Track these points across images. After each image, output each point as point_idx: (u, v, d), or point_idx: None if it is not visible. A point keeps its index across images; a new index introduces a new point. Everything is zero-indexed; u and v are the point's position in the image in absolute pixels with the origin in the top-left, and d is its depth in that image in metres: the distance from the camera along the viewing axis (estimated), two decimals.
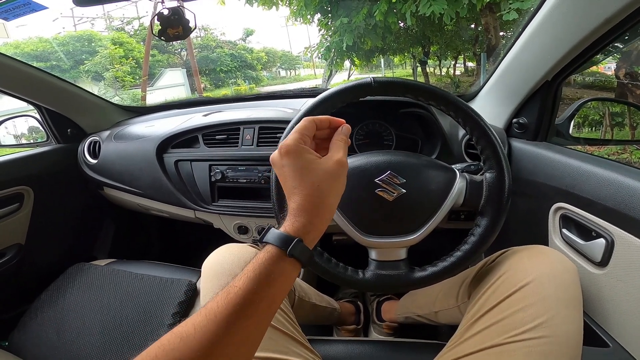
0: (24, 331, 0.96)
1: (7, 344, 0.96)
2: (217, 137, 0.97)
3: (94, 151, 1.18)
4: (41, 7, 0.78)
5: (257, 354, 0.51)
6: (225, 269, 0.61)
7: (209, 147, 0.98)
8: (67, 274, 1.06)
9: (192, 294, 0.93)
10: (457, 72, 9.66)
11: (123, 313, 0.91)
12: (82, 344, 0.87)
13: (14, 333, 0.97)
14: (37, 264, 1.16)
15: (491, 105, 0.90)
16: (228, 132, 0.97)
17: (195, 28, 0.72)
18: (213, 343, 0.32)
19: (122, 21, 12.55)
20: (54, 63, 10.13)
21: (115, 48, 10.04)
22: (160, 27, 0.74)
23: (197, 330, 0.33)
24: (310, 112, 0.55)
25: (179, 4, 0.70)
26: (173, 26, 0.74)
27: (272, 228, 0.40)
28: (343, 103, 0.56)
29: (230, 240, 0.99)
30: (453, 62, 9.41)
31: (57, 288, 1.03)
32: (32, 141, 1.35)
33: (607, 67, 4.30)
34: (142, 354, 0.32)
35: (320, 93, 0.57)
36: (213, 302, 0.35)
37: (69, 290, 1.01)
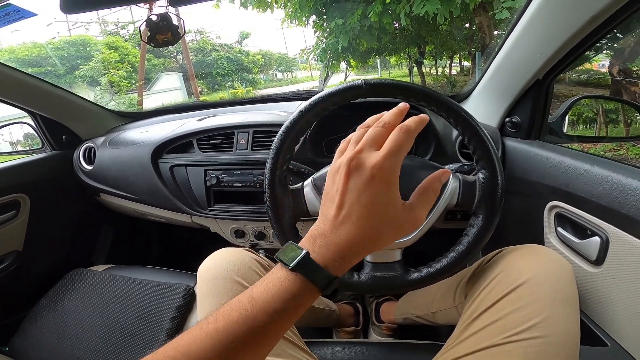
0: (24, 336, 0.96)
1: (7, 349, 0.97)
2: (211, 141, 0.97)
3: (90, 157, 1.18)
4: (30, 14, 0.78)
5: None
6: (220, 273, 0.61)
7: (203, 151, 0.98)
8: (65, 280, 1.07)
9: (190, 299, 0.94)
10: (453, 72, 9.68)
11: (122, 318, 0.92)
12: (82, 348, 0.88)
13: (14, 338, 0.97)
14: (35, 270, 1.16)
15: (484, 105, 0.90)
16: (222, 137, 0.97)
17: (184, 34, 0.72)
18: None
19: (117, 25, 12.53)
20: (49, 68, 10.08)
21: (111, 52, 10.01)
22: (149, 34, 0.74)
23: (209, 353, 0.31)
24: (302, 115, 0.55)
25: (167, 10, 0.69)
26: (162, 32, 0.74)
27: (307, 254, 0.34)
28: (335, 105, 0.56)
29: (227, 244, 0.99)
30: (449, 62, 9.42)
31: (56, 294, 1.03)
32: (27, 148, 1.34)
33: (602, 64, 4.33)
34: None
35: (314, 95, 0.57)
36: (224, 317, 0.32)
37: (67, 296, 1.01)
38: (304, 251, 0.34)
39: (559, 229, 0.69)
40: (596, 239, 0.59)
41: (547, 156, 0.72)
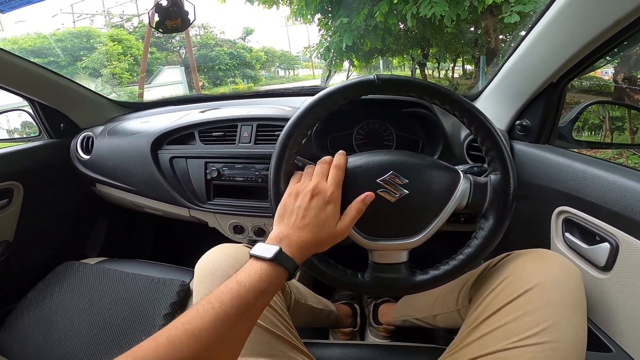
0: (10, 331, 0.93)
1: None
2: (213, 134, 0.95)
3: (87, 147, 1.15)
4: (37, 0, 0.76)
5: (252, 359, 0.50)
6: (219, 269, 0.59)
7: (205, 144, 0.96)
8: (55, 273, 1.03)
9: (185, 295, 0.91)
10: (456, 75, 9.70)
11: (113, 313, 0.89)
12: (69, 344, 0.85)
13: None
14: (26, 261, 1.13)
15: (494, 107, 0.88)
16: (225, 129, 0.95)
17: (194, 20, 0.70)
18: (221, 340, 0.37)
19: (122, 18, 12.50)
20: (52, 59, 10.07)
21: (114, 45, 10.00)
22: (158, 19, 0.72)
23: (210, 328, 0.37)
24: (312, 108, 0.54)
25: None
26: (171, 18, 0.72)
27: (280, 249, 0.46)
28: (345, 100, 0.54)
29: (225, 239, 0.97)
30: (452, 65, 9.44)
31: (45, 287, 1.00)
32: (24, 136, 1.32)
33: (604, 72, 4.33)
34: (148, 343, 0.35)
35: (320, 91, 0.55)
36: (217, 298, 0.39)
37: (57, 289, 0.98)
38: (278, 247, 0.45)
39: (567, 234, 0.68)
40: (605, 245, 0.59)
41: (557, 160, 0.71)
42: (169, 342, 0.35)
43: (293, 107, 0.97)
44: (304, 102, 0.56)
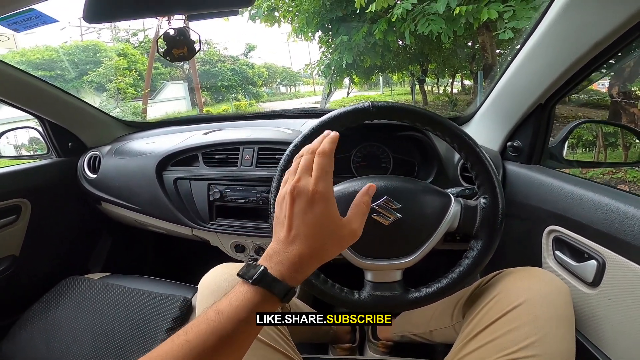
0: (13, 342, 0.94)
1: None
2: (216, 156, 0.98)
3: (94, 166, 1.18)
4: (52, 20, 0.79)
5: None
6: (221, 287, 0.61)
7: (208, 166, 0.99)
8: (60, 287, 1.05)
9: (187, 310, 0.93)
10: (455, 90, 9.78)
11: (115, 327, 0.90)
12: (71, 357, 0.86)
13: (2, 343, 0.95)
14: (31, 276, 1.15)
15: (486, 129, 0.91)
16: (227, 152, 0.98)
17: (199, 50, 0.74)
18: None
19: (128, 32, 12.74)
20: (58, 72, 10.19)
21: (120, 59, 10.14)
22: (165, 47, 0.75)
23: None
24: (309, 136, 0.57)
25: (184, 25, 0.71)
26: (178, 47, 0.75)
27: (264, 269, 0.39)
28: (342, 127, 0.58)
29: (227, 258, 0.99)
30: (450, 80, 9.54)
31: (50, 300, 1.01)
32: (32, 153, 1.35)
33: (601, 84, 4.38)
34: None
35: (319, 113, 0.59)
36: (194, 329, 0.36)
37: (61, 303, 1.00)
38: (262, 267, 0.39)
39: (557, 252, 0.70)
40: (593, 262, 0.61)
41: (547, 181, 0.73)
42: None
43: (294, 130, 1.00)
44: (303, 125, 0.59)
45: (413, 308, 0.58)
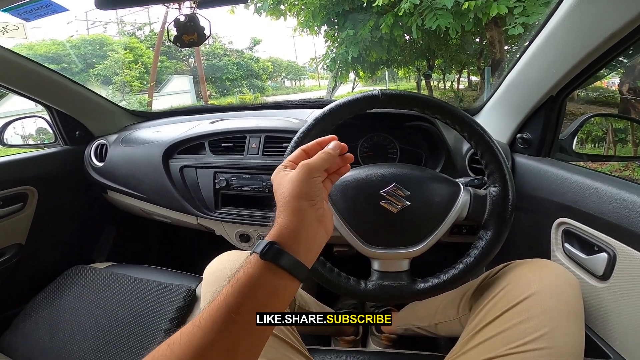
0: (17, 332, 0.95)
1: None
2: (223, 144, 0.98)
3: (101, 154, 1.19)
4: (62, 9, 0.79)
5: None
6: (226, 275, 0.60)
7: (214, 154, 0.99)
8: (64, 276, 1.06)
9: (191, 300, 0.93)
10: (461, 86, 9.69)
11: (119, 317, 0.90)
12: (75, 346, 0.86)
13: (6, 333, 0.96)
14: (36, 264, 1.16)
15: (495, 120, 0.90)
16: (234, 140, 0.98)
17: (210, 36, 0.73)
18: (199, 350, 0.33)
19: (134, 26, 12.74)
20: (65, 66, 10.24)
21: (126, 53, 10.16)
22: (176, 33, 0.75)
23: (183, 337, 0.33)
24: (317, 123, 0.56)
25: (194, 11, 0.71)
26: (189, 33, 0.75)
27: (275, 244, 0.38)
28: (350, 115, 0.57)
29: (231, 247, 0.99)
30: (457, 76, 9.45)
31: (54, 289, 1.02)
32: (39, 142, 1.36)
33: (611, 82, 4.31)
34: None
35: (326, 104, 0.58)
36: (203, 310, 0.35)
37: (65, 292, 1.00)
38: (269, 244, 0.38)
39: (566, 245, 0.69)
40: (603, 254, 0.60)
41: (557, 173, 0.72)
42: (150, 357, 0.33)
43: (300, 120, 1.00)
44: (311, 115, 0.58)
45: (420, 299, 0.58)
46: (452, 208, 0.55)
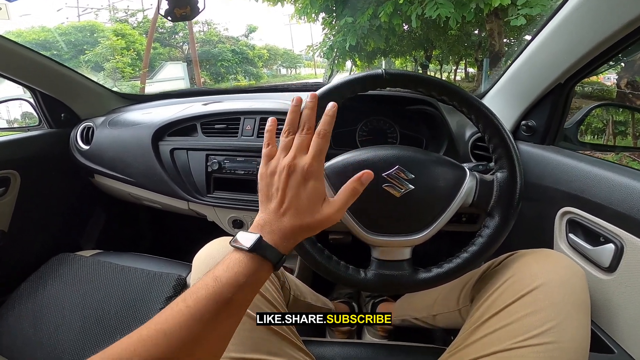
0: (0, 324, 0.91)
1: None
2: (216, 126, 0.95)
3: (87, 137, 1.15)
4: None
5: (250, 356, 0.49)
6: (217, 261, 0.58)
7: (207, 136, 0.95)
8: (49, 264, 1.02)
9: (181, 290, 0.90)
10: (458, 78, 9.70)
11: (105, 307, 0.87)
12: (59, 338, 0.83)
13: None
14: (20, 252, 1.12)
15: (499, 106, 0.87)
16: (228, 122, 0.94)
17: (204, 8, 0.69)
18: (196, 339, 0.35)
19: (126, 13, 12.49)
20: (54, 52, 10.05)
21: (117, 39, 9.99)
22: (167, 7, 0.71)
23: (183, 327, 0.34)
24: (319, 100, 0.53)
25: None
26: (181, 6, 0.71)
27: (260, 237, 0.41)
28: (352, 94, 0.54)
29: (224, 234, 0.96)
30: (454, 68, 9.44)
31: (38, 279, 0.98)
32: (24, 126, 1.31)
33: (607, 77, 4.32)
34: (120, 343, 0.34)
35: (322, 87, 0.54)
36: (192, 295, 0.37)
37: (50, 282, 0.96)
38: (258, 235, 0.41)
39: (571, 235, 0.68)
40: (610, 245, 0.58)
41: (562, 161, 0.70)
42: (139, 341, 0.34)
43: None
44: (309, 94, 0.55)
45: (422, 289, 0.55)
46: (458, 193, 0.53)
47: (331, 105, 0.46)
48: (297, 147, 0.44)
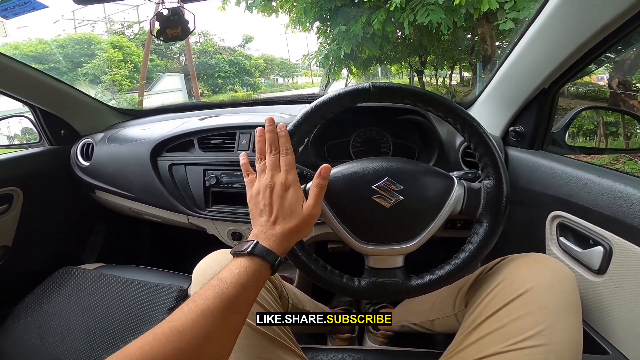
0: (7, 335, 0.92)
1: None
2: (212, 141, 0.96)
3: (87, 153, 1.16)
4: (42, 6, 0.77)
5: None
6: (216, 273, 0.59)
7: (204, 151, 0.97)
8: (53, 278, 1.03)
9: (183, 300, 0.90)
10: (453, 82, 9.74)
11: (110, 319, 0.88)
12: (65, 348, 0.84)
13: None
14: (24, 266, 1.13)
15: (488, 114, 0.89)
16: (224, 137, 0.96)
17: (194, 29, 0.72)
18: (207, 335, 0.38)
19: (123, 25, 12.57)
20: (52, 65, 10.08)
21: (114, 52, 10.02)
22: (159, 28, 0.74)
23: (195, 324, 0.37)
24: (309, 116, 0.55)
25: (179, 5, 0.69)
26: (172, 27, 0.73)
27: (257, 242, 0.47)
28: (341, 108, 0.55)
29: (224, 246, 0.98)
30: (449, 72, 9.49)
31: (43, 291, 0.99)
32: (24, 142, 1.33)
33: (600, 77, 4.35)
34: (135, 343, 0.36)
35: (317, 99, 0.56)
36: (200, 295, 0.40)
37: (55, 294, 0.98)
38: (255, 240, 0.47)
39: (561, 239, 0.69)
40: (599, 248, 0.59)
41: (550, 166, 0.72)
42: (154, 339, 0.36)
43: (291, 115, 0.98)
44: (301, 109, 0.57)
45: (415, 295, 0.56)
46: (446, 202, 0.54)
47: (280, 126, 0.54)
48: (270, 167, 0.52)
